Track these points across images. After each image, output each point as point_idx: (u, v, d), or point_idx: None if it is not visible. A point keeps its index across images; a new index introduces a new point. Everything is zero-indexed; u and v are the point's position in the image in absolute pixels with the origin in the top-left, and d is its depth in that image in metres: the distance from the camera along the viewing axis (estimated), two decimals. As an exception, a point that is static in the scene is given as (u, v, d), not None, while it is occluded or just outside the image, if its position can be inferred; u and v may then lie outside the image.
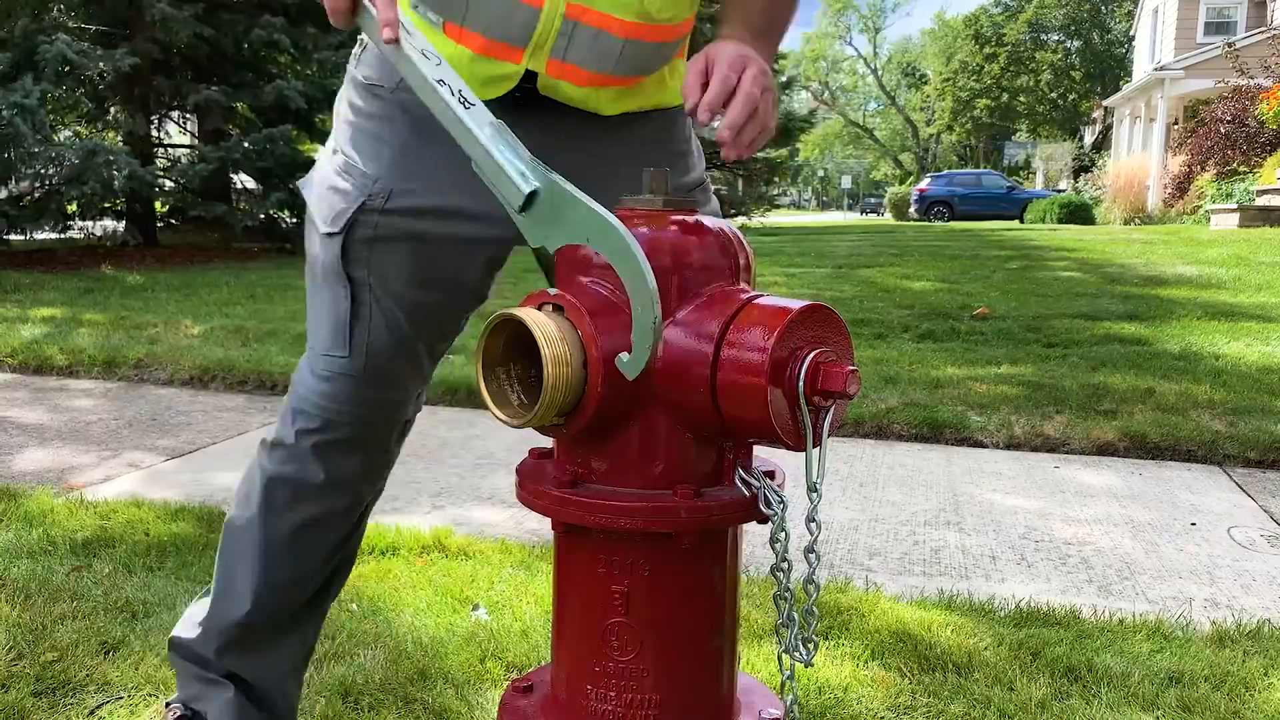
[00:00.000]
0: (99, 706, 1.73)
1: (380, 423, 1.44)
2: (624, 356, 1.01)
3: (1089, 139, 35.71)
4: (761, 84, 1.17)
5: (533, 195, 1.07)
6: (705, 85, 1.17)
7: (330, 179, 1.37)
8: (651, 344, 0.98)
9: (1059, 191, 26.05)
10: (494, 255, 1.38)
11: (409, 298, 1.37)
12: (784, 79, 19.83)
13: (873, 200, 50.70)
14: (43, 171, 9.26)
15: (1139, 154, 22.20)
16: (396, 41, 1.13)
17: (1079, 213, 20.38)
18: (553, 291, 1.07)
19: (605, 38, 1.28)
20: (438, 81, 1.13)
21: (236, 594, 1.47)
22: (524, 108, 1.30)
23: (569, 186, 1.05)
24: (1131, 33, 33.50)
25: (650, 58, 1.35)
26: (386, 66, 1.36)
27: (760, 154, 19.14)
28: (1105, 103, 29.45)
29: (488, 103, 1.23)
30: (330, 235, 1.35)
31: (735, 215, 18.21)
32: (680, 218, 1.11)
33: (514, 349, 1.08)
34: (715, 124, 1.18)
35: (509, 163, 1.09)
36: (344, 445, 1.42)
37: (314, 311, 1.41)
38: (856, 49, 64.85)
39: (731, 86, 1.16)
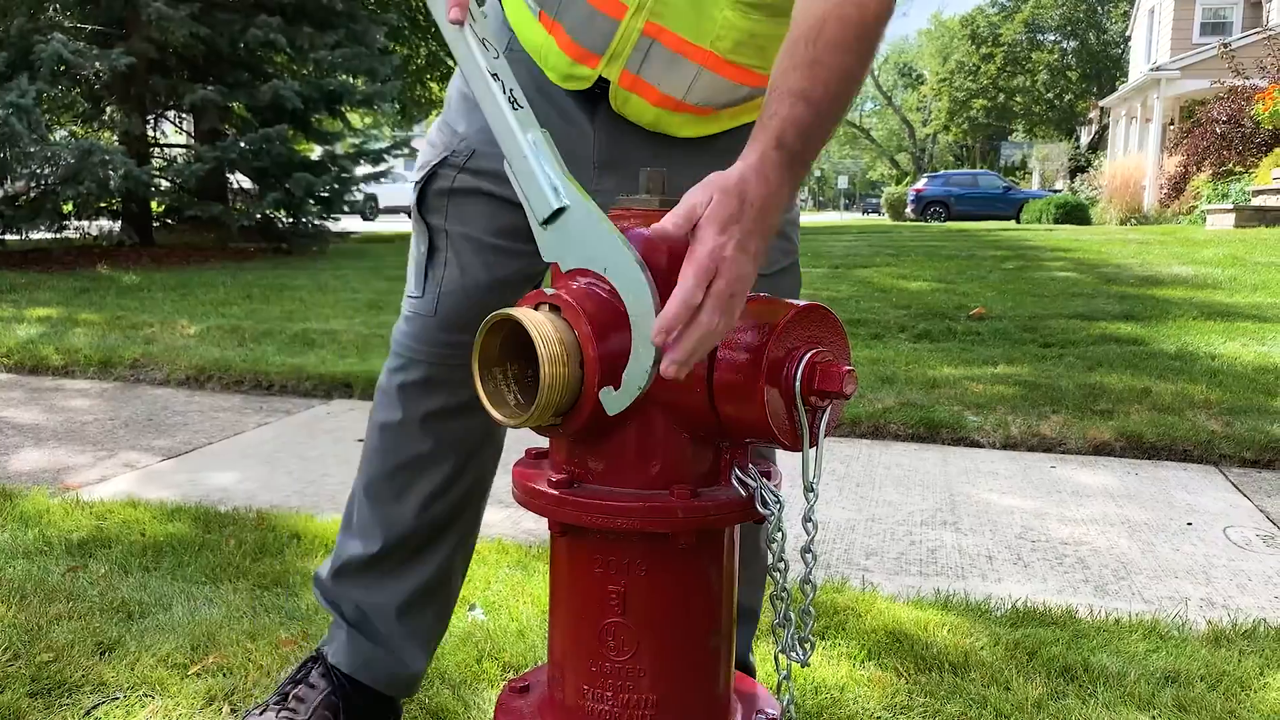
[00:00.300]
0: (94, 707, 1.73)
1: (455, 363, 1.49)
2: (610, 391, 1.01)
3: (1085, 139, 35.77)
4: (724, 299, 0.97)
5: (558, 211, 1.07)
6: (693, 228, 0.99)
7: (429, 138, 1.50)
8: (642, 386, 0.99)
9: (1055, 192, 26.08)
10: None
11: (484, 246, 1.45)
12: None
13: (874, 200, 50.60)
14: (38, 171, 9.25)
15: (1135, 154, 22.24)
16: (461, 22, 1.10)
17: (1075, 213, 20.39)
18: (550, 291, 1.07)
19: (681, 62, 1.30)
20: (491, 75, 1.10)
21: (351, 529, 1.61)
22: (606, 106, 1.36)
23: (599, 213, 1.04)
24: (1128, 33, 33.55)
25: (727, 93, 1.36)
26: (494, 39, 1.40)
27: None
28: (1101, 103, 29.49)
29: (571, 94, 1.33)
30: (414, 184, 1.48)
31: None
32: (677, 218, 1.11)
33: (511, 349, 1.08)
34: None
35: (544, 174, 1.07)
36: (423, 384, 1.51)
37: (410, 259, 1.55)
38: (853, 49, 64.77)
39: (694, 307, 0.95)
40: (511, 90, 1.11)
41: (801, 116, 1.07)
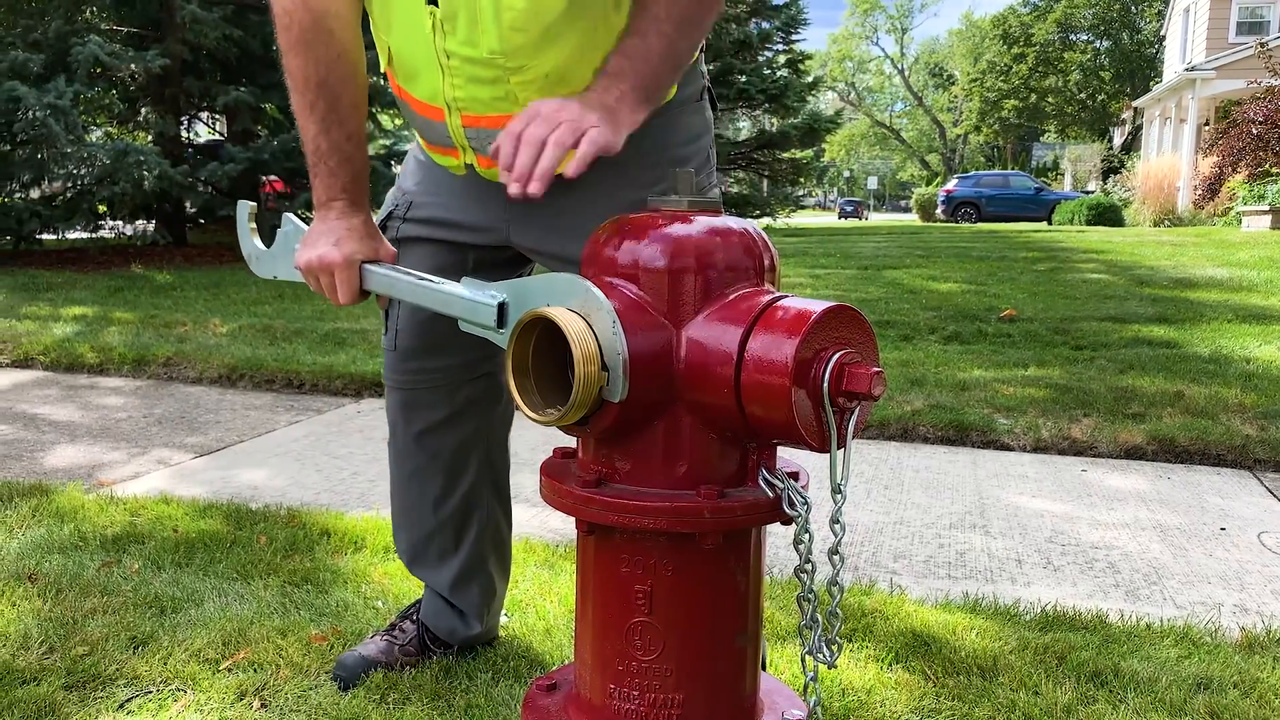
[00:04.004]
0: (128, 700, 1.75)
1: (423, 387, 1.72)
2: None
3: (1118, 140, 35.38)
4: (551, 124, 1.19)
5: (503, 306, 1.20)
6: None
7: (387, 198, 1.74)
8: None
9: (1087, 193, 25.82)
10: (481, 257, 1.64)
11: None
12: (809, 79, 19.73)
13: (853, 201, 49.51)
14: (75, 172, 9.36)
15: (1169, 155, 21.98)
16: (354, 301, 1.51)
17: (1108, 214, 20.19)
18: (579, 292, 1.08)
19: None
20: (419, 279, 1.38)
21: (395, 522, 1.89)
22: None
23: (528, 279, 1.19)
24: (1162, 33, 33.16)
25: None
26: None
27: (785, 154, 19.09)
28: (1135, 103, 29.16)
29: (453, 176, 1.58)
30: None
31: (759, 216, 18.15)
32: (705, 218, 1.12)
33: (544, 348, 1.08)
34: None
35: (479, 293, 1.24)
36: (406, 407, 1.75)
37: None
38: (883, 49, 64.56)
39: (515, 134, 1.21)
40: (427, 277, 1.37)
41: (632, 56, 1.31)
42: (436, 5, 1.34)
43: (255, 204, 1.63)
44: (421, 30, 1.37)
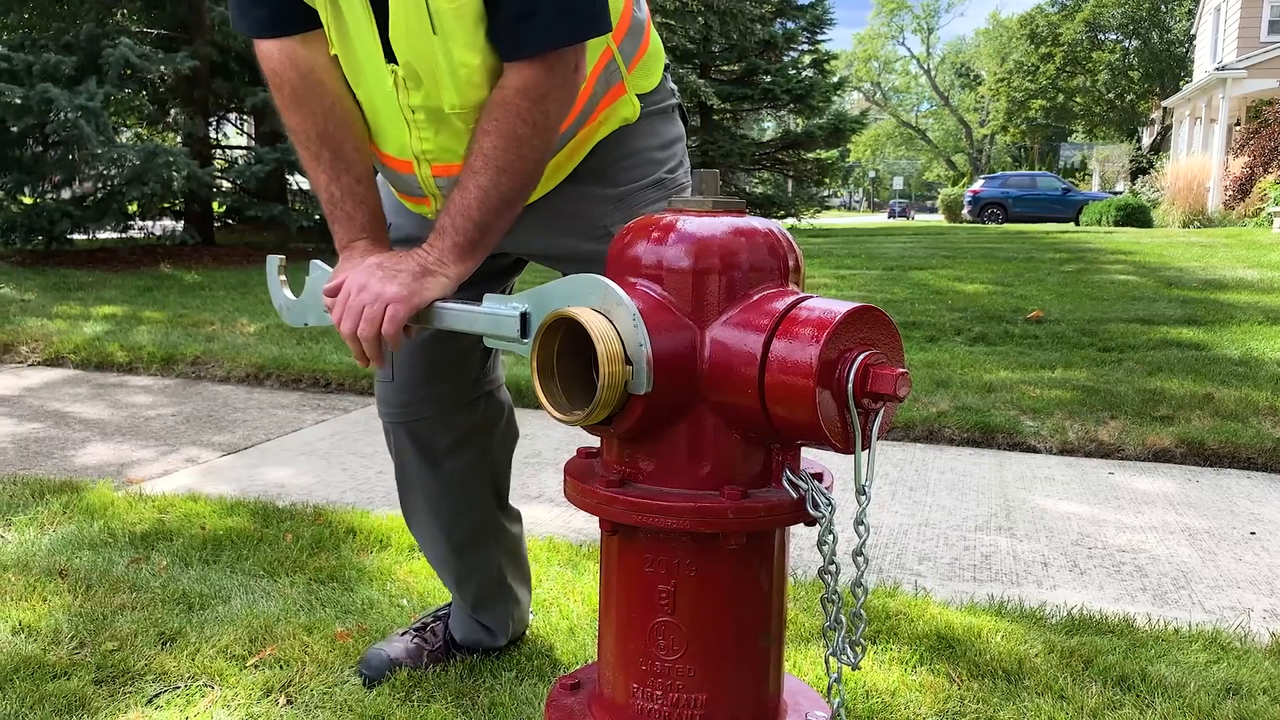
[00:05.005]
0: (156, 695, 1.77)
1: (423, 416, 1.74)
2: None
3: (1147, 140, 35.07)
4: (354, 316, 1.34)
5: (525, 316, 1.20)
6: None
7: None
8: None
9: (1116, 193, 25.59)
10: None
11: None
12: (835, 79, 19.67)
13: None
14: (105, 172, 9.45)
15: (1199, 155, 21.74)
16: (379, 362, 1.41)
17: (1136, 215, 20.01)
18: (604, 292, 1.08)
19: None
20: (457, 304, 1.35)
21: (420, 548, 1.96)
22: None
23: (546, 286, 1.18)
24: (1192, 32, 32.85)
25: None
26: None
27: (810, 154, 19.05)
28: (1164, 103, 28.89)
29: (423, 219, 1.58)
30: None
31: (784, 216, 18.11)
32: (729, 219, 1.12)
33: (567, 349, 1.09)
34: None
35: (500, 307, 1.23)
36: (407, 439, 1.77)
37: None
38: (909, 49, 64.26)
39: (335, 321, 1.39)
40: (465, 301, 1.34)
41: (469, 218, 1.37)
42: (396, 63, 1.36)
43: (284, 257, 1.63)
44: (384, 86, 1.39)
